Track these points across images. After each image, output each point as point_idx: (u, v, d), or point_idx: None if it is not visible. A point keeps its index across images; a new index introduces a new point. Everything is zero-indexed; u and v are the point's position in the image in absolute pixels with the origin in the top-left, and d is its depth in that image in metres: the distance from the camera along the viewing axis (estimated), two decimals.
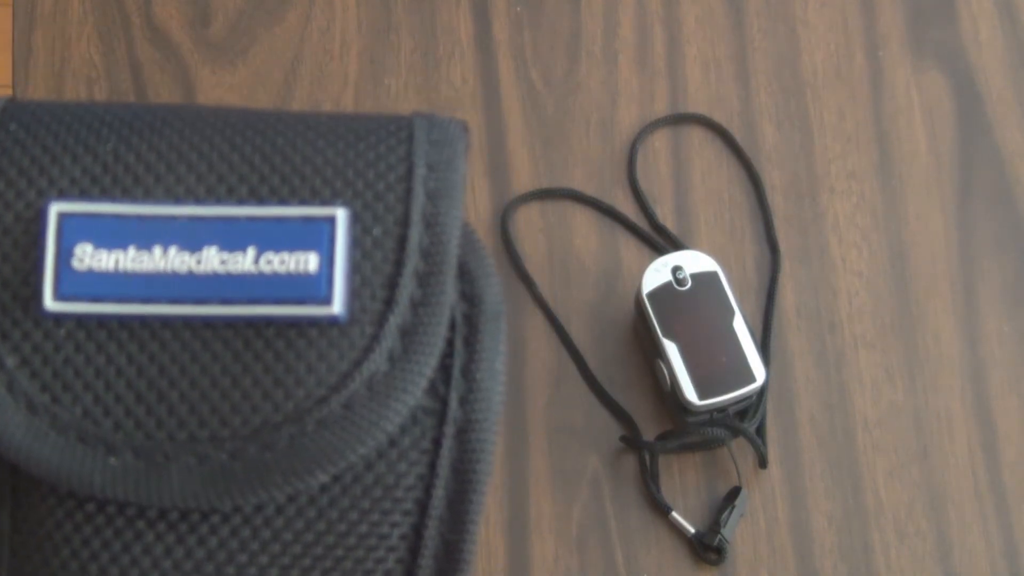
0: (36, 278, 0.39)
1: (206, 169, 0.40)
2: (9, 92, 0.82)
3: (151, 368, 0.39)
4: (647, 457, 0.72)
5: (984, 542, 0.71)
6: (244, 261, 0.39)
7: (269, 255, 0.39)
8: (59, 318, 0.39)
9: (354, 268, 0.39)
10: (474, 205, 0.78)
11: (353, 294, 0.39)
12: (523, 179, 0.78)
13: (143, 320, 0.39)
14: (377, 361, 0.39)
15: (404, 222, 0.40)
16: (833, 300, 0.76)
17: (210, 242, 0.39)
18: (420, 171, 0.41)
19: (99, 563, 0.40)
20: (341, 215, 0.39)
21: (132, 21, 0.81)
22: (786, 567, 0.71)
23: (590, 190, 0.78)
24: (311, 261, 0.39)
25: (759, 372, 0.70)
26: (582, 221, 0.78)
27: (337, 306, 0.39)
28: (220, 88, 0.80)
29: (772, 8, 0.83)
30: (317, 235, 0.39)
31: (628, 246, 0.77)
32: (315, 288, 0.39)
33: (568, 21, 0.82)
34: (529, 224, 0.78)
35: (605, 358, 0.75)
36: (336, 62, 0.81)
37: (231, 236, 0.39)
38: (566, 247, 0.77)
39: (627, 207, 0.78)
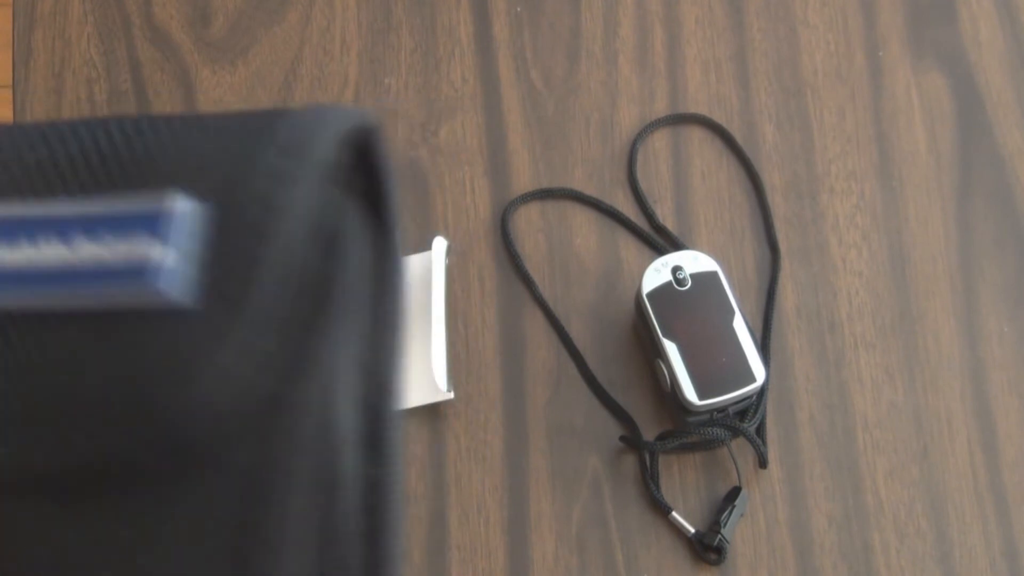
0: None
1: (53, 165, 0.41)
2: (9, 92, 0.82)
3: None
4: (647, 457, 0.72)
5: (984, 542, 0.71)
6: (83, 253, 0.39)
7: (110, 246, 0.39)
8: None
9: (203, 258, 0.40)
10: (474, 205, 0.78)
11: (201, 284, 0.39)
12: (523, 179, 0.78)
13: None
14: (232, 350, 0.39)
15: (252, 209, 0.40)
16: (833, 300, 0.76)
17: (54, 236, 0.39)
18: (268, 157, 0.41)
19: None
20: (185, 206, 0.39)
21: (132, 21, 0.81)
22: (786, 567, 0.71)
23: (590, 190, 0.78)
24: (156, 251, 0.39)
25: (759, 372, 0.70)
26: (582, 221, 0.78)
27: (184, 296, 0.39)
28: (220, 88, 0.80)
29: (772, 8, 0.83)
30: (163, 226, 0.39)
31: (628, 246, 0.77)
32: (161, 278, 0.39)
33: (568, 21, 0.82)
34: (529, 224, 0.78)
35: (605, 358, 0.75)
36: (336, 62, 0.81)
37: (75, 229, 0.39)
38: (566, 247, 0.77)
39: (627, 207, 0.78)
